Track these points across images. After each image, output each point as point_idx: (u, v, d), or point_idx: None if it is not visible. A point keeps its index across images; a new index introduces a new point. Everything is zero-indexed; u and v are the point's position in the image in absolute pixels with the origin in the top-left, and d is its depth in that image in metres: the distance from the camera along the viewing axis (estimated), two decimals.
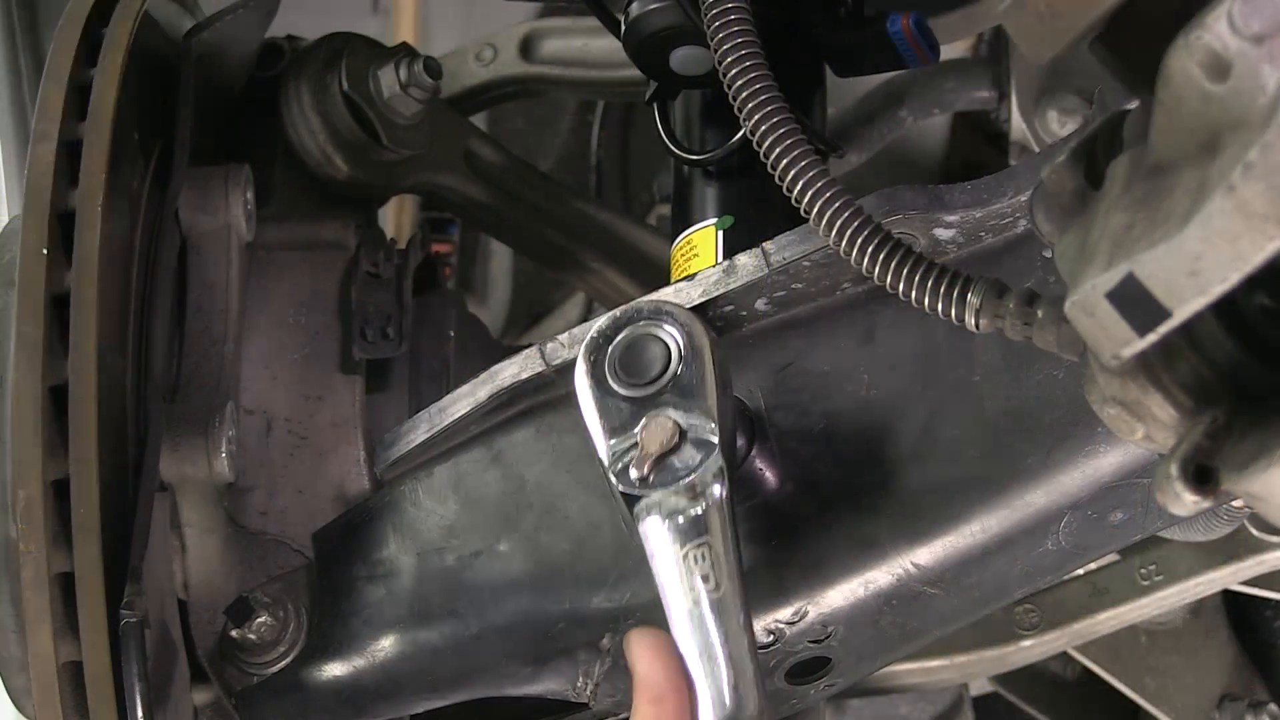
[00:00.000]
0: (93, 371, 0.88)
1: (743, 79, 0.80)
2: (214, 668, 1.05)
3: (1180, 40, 0.59)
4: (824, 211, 0.78)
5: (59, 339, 0.89)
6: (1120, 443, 0.95)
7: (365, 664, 1.06)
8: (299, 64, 1.17)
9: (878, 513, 0.99)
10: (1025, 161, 1.02)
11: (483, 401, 1.04)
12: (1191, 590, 1.55)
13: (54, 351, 0.89)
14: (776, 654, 1.01)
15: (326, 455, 1.14)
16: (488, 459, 1.06)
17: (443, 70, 1.23)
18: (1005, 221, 1.00)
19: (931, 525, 0.98)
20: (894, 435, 1.00)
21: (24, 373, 0.86)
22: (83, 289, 0.88)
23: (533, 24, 1.39)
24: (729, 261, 0.96)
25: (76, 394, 0.88)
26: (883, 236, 0.78)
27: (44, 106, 0.91)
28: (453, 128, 1.30)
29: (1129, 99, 0.89)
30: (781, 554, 1.00)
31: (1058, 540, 1.01)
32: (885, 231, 0.78)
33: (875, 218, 0.79)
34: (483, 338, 1.37)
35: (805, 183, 0.77)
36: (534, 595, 1.04)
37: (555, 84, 1.27)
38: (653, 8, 0.95)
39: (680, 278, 1.01)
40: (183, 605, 1.07)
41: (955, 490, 0.98)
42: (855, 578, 0.99)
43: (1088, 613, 1.57)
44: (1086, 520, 1.00)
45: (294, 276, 1.19)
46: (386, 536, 1.09)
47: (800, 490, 1.02)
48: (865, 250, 0.77)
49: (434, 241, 1.96)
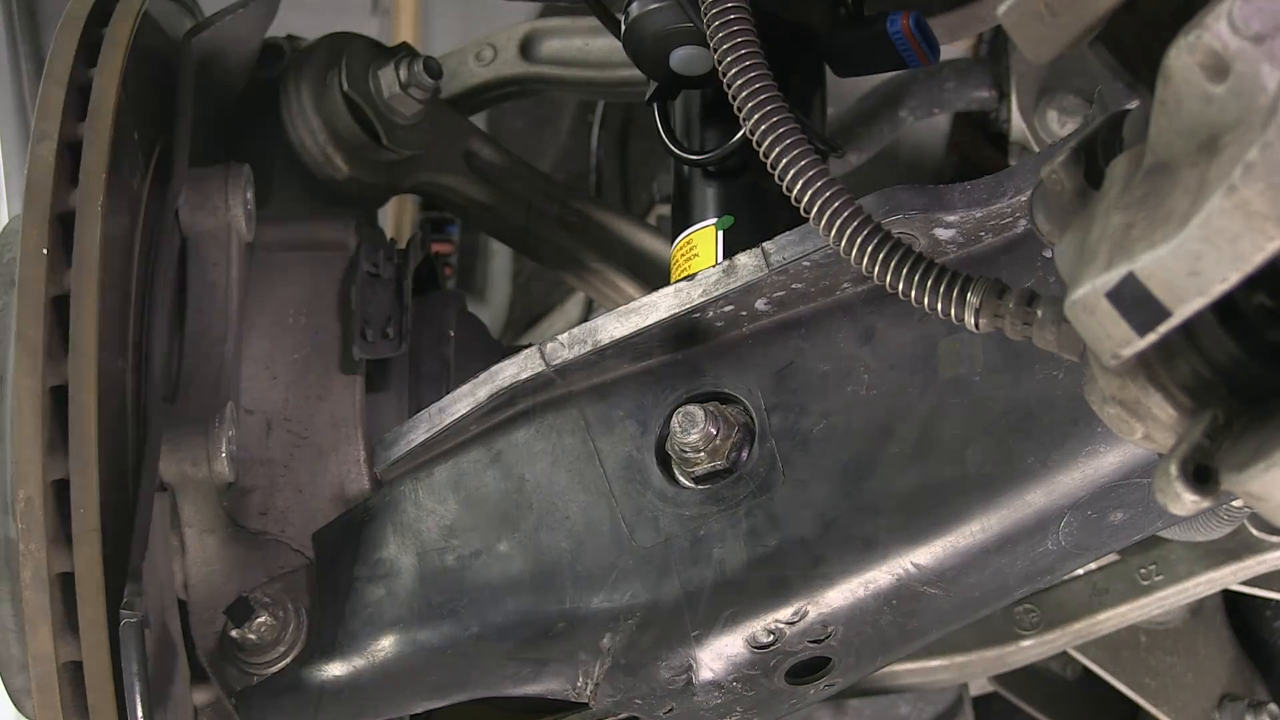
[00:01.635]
0: (93, 371, 0.88)
1: (742, 79, 0.80)
2: (214, 668, 1.05)
3: (1180, 40, 0.59)
4: (824, 211, 0.78)
5: (59, 339, 0.89)
6: (1120, 443, 0.95)
7: (365, 664, 1.06)
8: (299, 64, 1.17)
9: (878, 513, 0.99)
10: (1025, 161, 1.02)
11: (483, 401, 1.04)
12: (1191, 590, 1.55)
13: (54, 352, 0.89)
14: (776, 654, 1.02)
15: (326, 455, 1.14)
16: (488, 459, 1.06)
17: (443, 70, 1.23)
18: (1005, 221, 1.00)
19: (931, 525, 0.98)
20: (893, 435, 1.00)
21: (24, 373, 0.86)
22: (83, 289, 0.89)
23: (533, 24, 1.40)
24: (729, 261, 0.96)
25: (76, 394, 0.88)
26: (883, 236, 0.78)
27: (44, 106, 0.91)
28: (453, 128, 1.30)
29: (1129, 99, 0.89)
30: (781, 554, 1.00)
31: (1058, 540, 1.01)
32: (885, 231, 0.78)
33: (875, 218, 0.79)
34: (483, 338, 1.38)
35: (805, 183, 0.77)
36: (534, 595, 1.04)
37: (555, 84, 1.27)
38: (653, 8, 0.95)
39: (680, 278, 1.01)
40: (183, 605, 1.07)
41: (955, 490, 0.98)
42: (855, 578, 0.99)
43: (1088, 613, 1.57)
44: (1086, 520, 1.00)
45: (294, 276, 1.19)
46: (386, 536, 1.09)
47: (800, 490, 1.02)
48: (865, 250, 0.77)
49: (434, 241, 1.96)
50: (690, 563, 1.00)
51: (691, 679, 1.03)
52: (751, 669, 1.01)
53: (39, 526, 0.86)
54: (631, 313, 1.02)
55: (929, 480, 0.99)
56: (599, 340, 1.03)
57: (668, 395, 1.03)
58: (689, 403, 1.01)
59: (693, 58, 0.93)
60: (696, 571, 1.00)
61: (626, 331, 1.02)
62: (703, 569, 0.99)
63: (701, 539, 1.00)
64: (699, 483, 1.04)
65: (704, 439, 0.99)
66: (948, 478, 0.98)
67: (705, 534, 1.00)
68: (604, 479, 0.99)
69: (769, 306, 1.01)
